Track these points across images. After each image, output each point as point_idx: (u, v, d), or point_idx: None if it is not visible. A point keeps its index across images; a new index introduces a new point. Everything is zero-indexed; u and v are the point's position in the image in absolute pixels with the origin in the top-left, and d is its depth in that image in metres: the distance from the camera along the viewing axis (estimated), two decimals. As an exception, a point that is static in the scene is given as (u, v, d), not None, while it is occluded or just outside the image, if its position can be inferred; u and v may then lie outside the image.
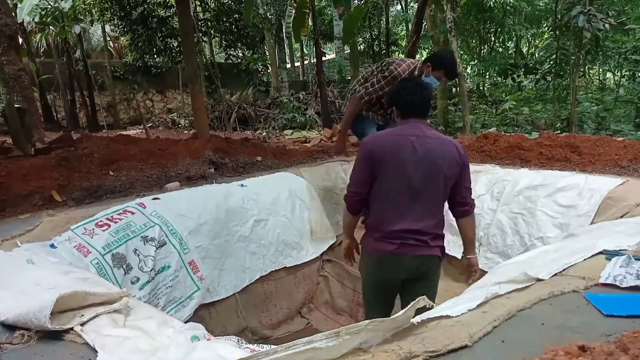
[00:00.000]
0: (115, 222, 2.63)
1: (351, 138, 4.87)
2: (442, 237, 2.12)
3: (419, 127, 2.04)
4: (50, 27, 11.22)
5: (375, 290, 2.23)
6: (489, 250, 3.32)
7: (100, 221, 2.60)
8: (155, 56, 12.49)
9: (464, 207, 2.15)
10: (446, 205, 2.17)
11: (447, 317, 1.32)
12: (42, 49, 14.13)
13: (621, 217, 2.59)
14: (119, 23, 11.16)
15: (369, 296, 2.29)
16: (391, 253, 2.02)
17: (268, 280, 3.54)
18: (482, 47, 15.80)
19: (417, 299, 1.29)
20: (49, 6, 10.72)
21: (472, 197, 2.18)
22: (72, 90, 12.10)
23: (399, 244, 2.00)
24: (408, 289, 2.12)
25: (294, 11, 8.32)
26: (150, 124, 12.33)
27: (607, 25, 6.88)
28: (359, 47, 15.46)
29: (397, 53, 15.25)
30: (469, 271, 2.28)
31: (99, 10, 11.49)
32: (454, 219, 2.23)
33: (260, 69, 13.12)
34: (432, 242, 2.04)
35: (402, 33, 17.69)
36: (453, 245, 3.51)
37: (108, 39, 15.05)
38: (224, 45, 12.64)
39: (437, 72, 2.87)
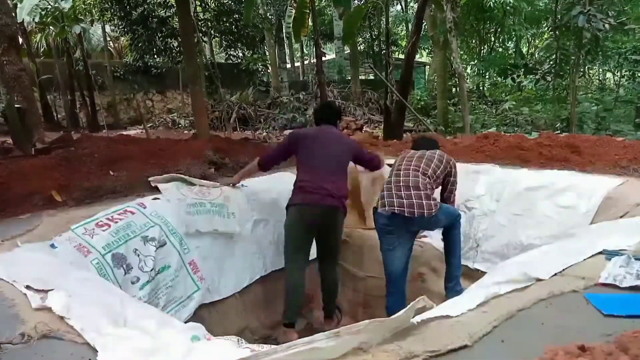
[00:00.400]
0: (116, 222, 2.63)
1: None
2: (344, 195, 3.07)
3: (327, 128, 3.21)
4: (50, 27, 11.23)
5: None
6: (487, 251, 3.32)
7: (101, 221, 2.60)
8: (155, 56, 12.50)
9: (372, 163, 3.38)
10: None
11: (447, 317, 1.32)
12: (42, 49, 14.14)
13: (621, 217, 2.59)
14: (119, 23, 11.17)
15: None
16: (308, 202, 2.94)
17: (268, 280, 3.54)
18: (482, 47, 15.82)
19: (417, 299, 1.29)
20: (49, 6, 10.72)
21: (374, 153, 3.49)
22: (72, 90, 12.11)
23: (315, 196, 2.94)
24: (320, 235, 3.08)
25: (294, 11, 8.32)
26: (150, 124, 12.34)
27: (607, 25, 6.89)
28: (359, 47, 15.48)
29: (397, 53, 15.26)
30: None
31: (99, 10, 11.50)
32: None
33: (260, 69, 13.15)
34: (335, 195, 2.94)
35: (402, 33, 17.70)
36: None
37: (108, 39, 15.06)
38: (224, 45, 12.66)
39: None
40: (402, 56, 12.97)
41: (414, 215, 2.80)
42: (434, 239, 3.64)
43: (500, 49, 16.02)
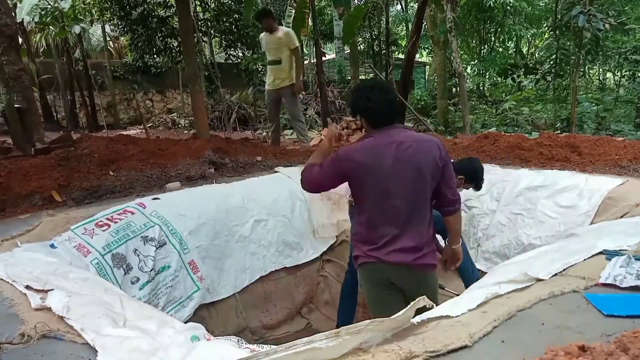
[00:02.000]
0: (115, 222, 2.63)
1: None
2: (429, 245, 2.04)
3: (391, 134, 1.96)
4: (50, 27, 11.20)
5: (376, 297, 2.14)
6: (488, 250, 3.32)
7: (100, 221, 2.60)
8: (155, 56, 12.46)
9: (452, 206, 2.09)
10: None
11: (447, 317, 1.32)
12: (42, 49, 14.12)
13: (621, 217, 2.59)
14: (119, 23, 11.14)
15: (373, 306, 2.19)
16: (382, 261, 1.98)
17: (268, 281, 3.54)
18: (482, 47, 15.81)
19: (417, 299, 1.29)
20: (49, 6, 10.70)
21: (458, 192, 2.13)
22: (72, 90, 12.09)
23: (389, 252, 1.96)
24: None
25: (294, 11, 8.31)
26: (150, 124, 12.32)
27: (607, 25, 6.89)
28: (359, 47, 15.46)
29: (397, 53, 15.25)
30: (451, 260, 2.26)
31: (98, 10, 11.48)
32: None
33: (260, 69, 13.11)
34: (424, 250, 1.98)
35: (402, 33, 17.69)
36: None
37: (108, 39, 15.03)
38: (224, 45, 12.62)
39: (468, 184, 2.78)
40: (402, 56, 12.98)
41: None
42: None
43: (501, 49, 16.00)
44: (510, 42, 16.49)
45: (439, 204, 2.09)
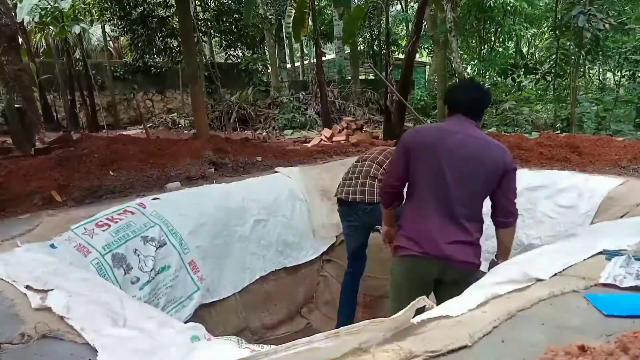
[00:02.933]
0: (116, 222, 2.63)
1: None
2: (475, 243, 1.97)
3: (463, 125, 1.94)
4: (50, 27, 11.20)
5: (401, 290, 2.10)
6: (487, 250, 3.31)
7: (100, 221, 2.60)
8: (155, 56, 12.47)
9: (505, 218, 2.00)
10: None
11: (447, 317, 1.32)
12: (42, 49, 14.12)
13: (621, 217, 2.59)
14: (119, 23, 11.14)
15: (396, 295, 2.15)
16: (414, 256, 1.96)
17: (268, 280, 3.54)
18: (482, 47, 15.81)
19: (417, 299, 1.29)
20: (49, 6, 10.70)
21: (516, 207, 2.01)
22: (72, 90, 12.09)
23: (425, 247, 1.93)
24: (441, 293, 2.02)
25: (294, 11, 8.32)
26: (150, 124, 12.32)
27: (607, 25, 6.89)
28: (359, 47, 15.47)
29: (397, 53, 15.25)
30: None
31: (98, 10, 11.48)
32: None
33: (260, 69, 13.13)
34: (463, 248, 1.92)
35: (402, 33, 17.69)
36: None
37: (108, 39, 15.04)
38: (224, 45, 12.63)
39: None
40: (402, 56, 12.96)
41: (355, 200, 2.95)
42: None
43: (501, 49, 16.00)
44: (510, 42, 16.48)
45: (493, 213, 2.03)
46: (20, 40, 8.11)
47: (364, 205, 2.94)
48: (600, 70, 15.93)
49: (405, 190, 2.07)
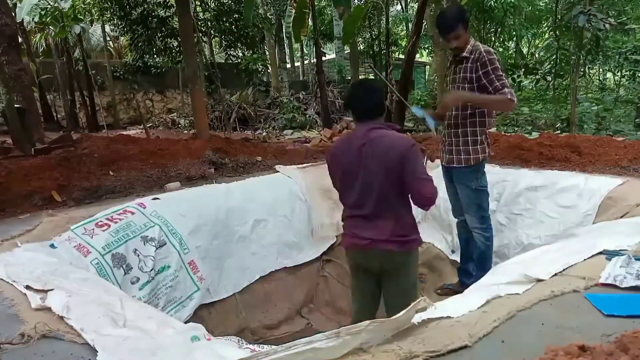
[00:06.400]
0: (115, 222, 2.63)
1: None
2: (405, 231, 2.06)
3: (367, 129, 2.04)
4: (50, 27, 11.20)
5: (353, 281, 2.39)
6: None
7: (100, 221, 2.60)
8: (155, 56, 12.47)
9: (421, 203, 2.04)
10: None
11: (447, 317, 1.32)
12: (42, 49, 14.11)
13: (621, 217, 2.58)
14: (119, 23, 11.13)
15: (352, 290, 2.45)
16: (356, 246, 2.13)
17: (268, 281, 3.54)
18: (482, 47, 15.78)
19: (417, 300, 1.29)
20: (49, 6, 10.70)
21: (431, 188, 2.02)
22: (72, 90, 12.09)
23: (365, 239, 2.06)
24: (384, 285, 2.20)
25: (294, 11, 8.32)
26: (150, 124, 12.32)
27: (607, 25, 6.88)
28: (359, 47, 15.45)
29: (397, 53, 15.25)
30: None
31: (98, 10, 11.47)
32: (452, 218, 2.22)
33: (260, 69, 13.11)
34: (393, 237, 2.01)
35: (402, 33, 17.70)
36: (447, 245, 3.51)
37: (108, 39, 15.03)
38: (224, 45, 12.62)
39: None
40: (402, 56, 12.97)
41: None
42: (435, 239, 3.64)
43: (501, 49, 15.99)
44: (510, 42, 16.49)
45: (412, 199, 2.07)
46: (20, 40, 8.10)
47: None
48: (600, 70, 15.93)
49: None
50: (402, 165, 1.95)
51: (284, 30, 13.84)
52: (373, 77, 16.60)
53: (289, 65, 16.70)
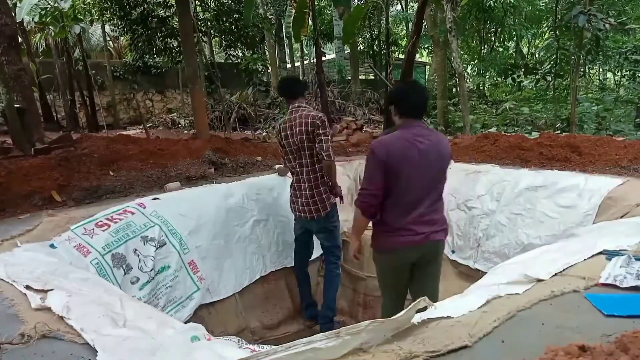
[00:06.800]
0: (115, 222, 2.63)
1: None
2: (445, 221, 2.33)
3: (419, 129, 2.15)
4: (50, 27, 11.19)
5: (396, 279, 2.37)
6: (488, 250, 3.32)
7: (100, 221, 2.60)
8: (155, 56, 12.46)
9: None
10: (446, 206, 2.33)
11: (447, 317, 1.32)
12: (42, 49, 14.11)
13: (621, 217, 2.58)
14: (119, 23, 11.12)
15: (389, 287, 2.43)
16: (413, 243, 2.18)
17: (268, 280, 3.54)
18: (482, 47, 15.80)
19: (417, 300, 1.29)
20: (49, 6, 10.70)
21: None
22: (72, 90, 12.08)
23: (420, 234, 2.16)
24: (420, 272, 2.33)
25: (294, 11, 8.30)
26: (150, 124, 12.32)
27: (607, 25, 6.88)
28: (359, 47, 15.45)
29: (397, 53, 15.25)
30: None
31: (98, 10, 11.46)
32: (457, 220, 2.26)
33: (260, 69, 13.11)
34: (441, 227, 2.26)
35: (402, 33, 17.70)
36: (447, 245, 3.52)
37: (108, 39, 15.03)
38: (224, 45, 12.62)
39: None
40: (402, 56, 12.97)
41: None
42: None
43: (501, 49, 15.99)
44: (510, 42, 16.49)
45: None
46: (20, 40, 8.10)
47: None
48: (600, 70, 15.93)
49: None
50: (448, 163, 2.24)
51: (284, 30, 13.83)
52: (373, 77, 16.62)
53: (289, 65, 16.69)
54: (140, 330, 1.47)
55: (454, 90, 14.20)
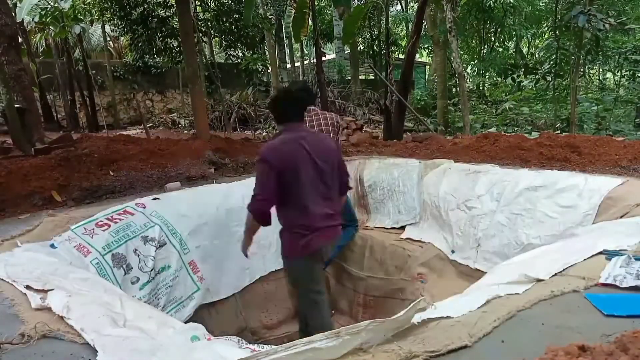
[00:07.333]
0: (116, 222, 2.63)
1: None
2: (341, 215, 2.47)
3: (300, 130, 2.25)
4: (50, 27, 11.20)
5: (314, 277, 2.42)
6: (488, 250, 3.31)
7: (100, 221, 2.60)
8: (155, 56, 12.46)
9: (346, 188, 2.51)
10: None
11: (447, 317, 1.32)
12: (42, 49, 14.11)
13: (621, 217, 2.58)
14: (119, 23, 11.13)
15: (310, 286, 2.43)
16: (324, 242, 2.28)
17: (268, 280, 3.53)
18: (482, 47, 15.81)
19: (417, 300, 1.29)
20: (49, 6, 10.71)
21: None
22: (72, 90, 12.09)
23: (327, 234, 2.27)
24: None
25: (293, 11, 8.30)
26: (150, 124, 12.33)
27: (607, 25, 6.88)
28: (359, 47, 15.47)
29: (397, 53, 15.26)
30: None
31: (98, 10, 11.47)
32: (457, 220, 2.26)
33: (260, 69, 13.11)
34: (338, 222, 2.40)
35: (402, 33, 17.71)
36: (447, 245, 3.51)
37: (108, 39, 15.03)
38: (224, 45, 12.62)
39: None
40: (402, 56, 12.96)
41: None
42: (435, 239, 3.65)
43: (501, 49, 16.01)
44: (510, 42, 16.51)
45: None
46: (20, 40, 8.10)
47: None
48: (600, 70, 15.94)
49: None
50: (339, 154, 2.48)
51: (284, 30, 13.84)
52: (373, 77, 16.62)
53: (289, 65, 16.69)
54: (141, 330, 1.47)
55: (453, 90, 14.22)
